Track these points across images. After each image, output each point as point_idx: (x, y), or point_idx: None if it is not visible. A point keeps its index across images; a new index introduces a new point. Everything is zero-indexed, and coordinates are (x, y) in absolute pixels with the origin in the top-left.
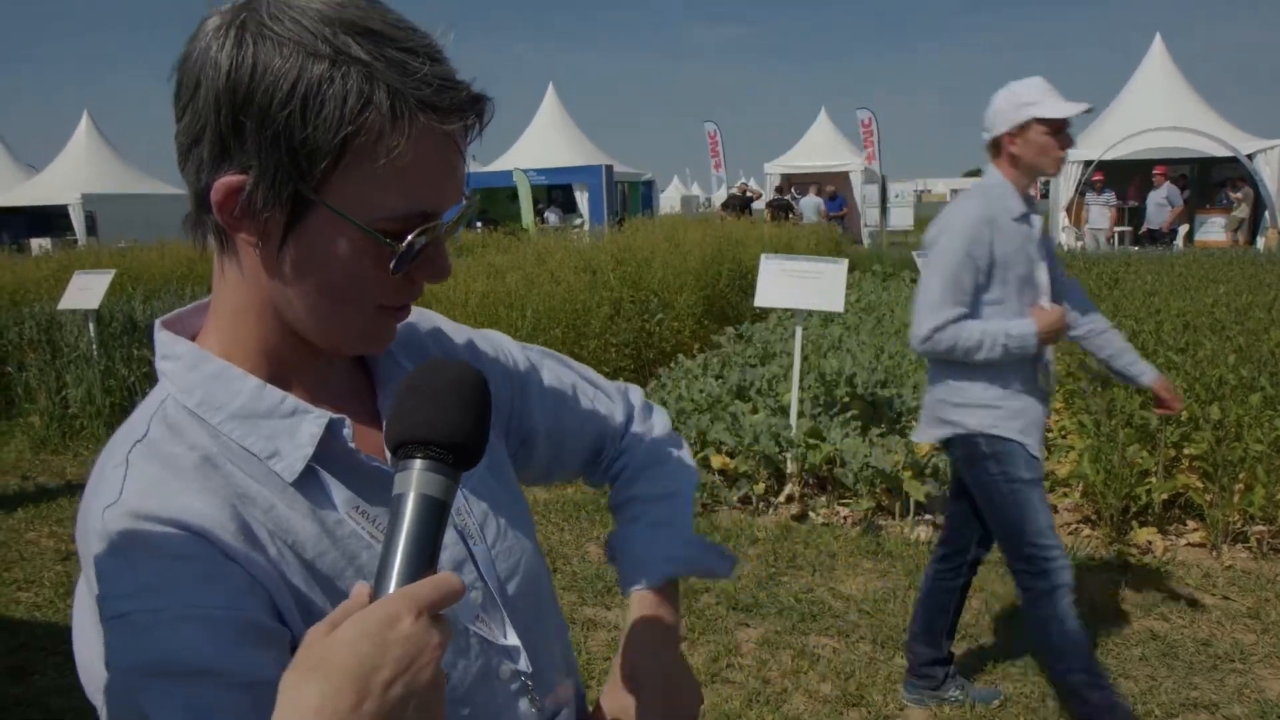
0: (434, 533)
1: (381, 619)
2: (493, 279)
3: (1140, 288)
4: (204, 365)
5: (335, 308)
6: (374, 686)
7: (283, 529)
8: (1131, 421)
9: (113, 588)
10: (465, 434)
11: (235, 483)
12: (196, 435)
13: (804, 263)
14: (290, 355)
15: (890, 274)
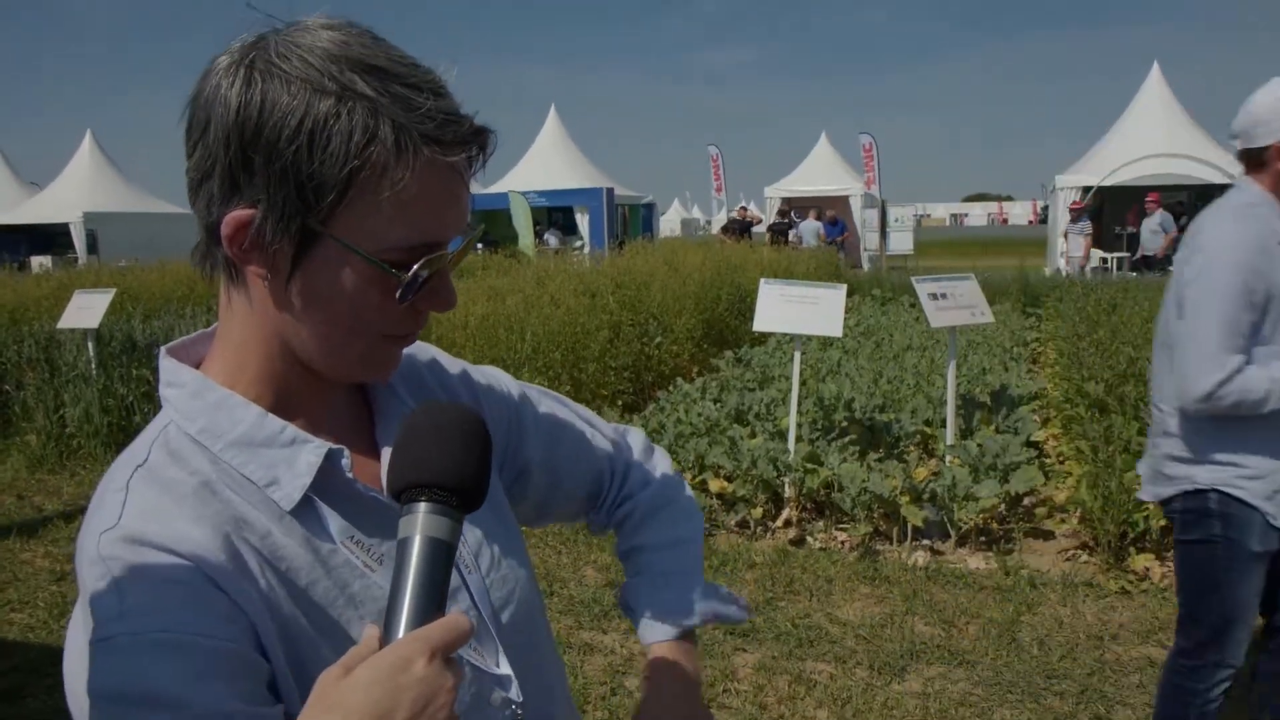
0: (442, 575)
1: (395, 663)
2: (493, 301)
3: (1139, 314)
4: (207, 393)
5: (342, 338)
6: None
7: (276, 556)
8: (1129, 447)
9: (102, 611)
10: (469, 477)
11: (233, 509)
12: (197, 461)
13: (803, 288)
14: (294, 385)
15: (889, 298)
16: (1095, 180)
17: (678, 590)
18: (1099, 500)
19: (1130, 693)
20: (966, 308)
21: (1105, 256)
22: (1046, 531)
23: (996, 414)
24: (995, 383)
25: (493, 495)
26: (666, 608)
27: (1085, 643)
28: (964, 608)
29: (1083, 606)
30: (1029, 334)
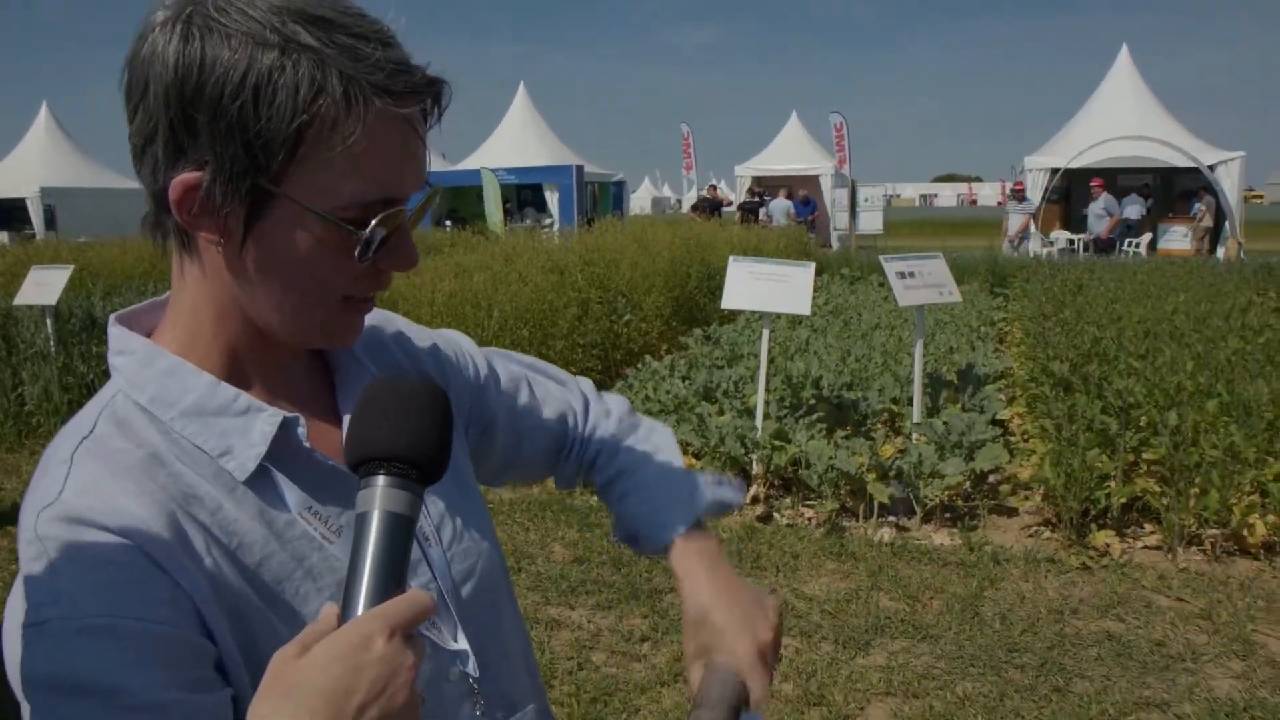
0: (402, 550)
1: (354, 641)
2: (460, 278)
3: (1103, 295)
4: (157, 361)
5: (301, 301)
6: (348, 710)
7: (227, 532)
8: (1092, 426)
9: (36, 594)
10: (429, 448)
11: (183, 482)
12: (146, 432)
13: (772, 265)
14: (249, 354)
15: (858, 277)
16: (1063, 162)
17: (673, 489)
18: (1062, 478)
19: (1089, 665)
20: (934, 286)
21: (1072, 238)
22: (1010, 508)
23: (963, 392)
24: (962, 361)
25: (456, 465)
26: (670, 506)
27: (1046, 617)
28: (928, 583)
29: (1044, 582)
30: (996, 314)
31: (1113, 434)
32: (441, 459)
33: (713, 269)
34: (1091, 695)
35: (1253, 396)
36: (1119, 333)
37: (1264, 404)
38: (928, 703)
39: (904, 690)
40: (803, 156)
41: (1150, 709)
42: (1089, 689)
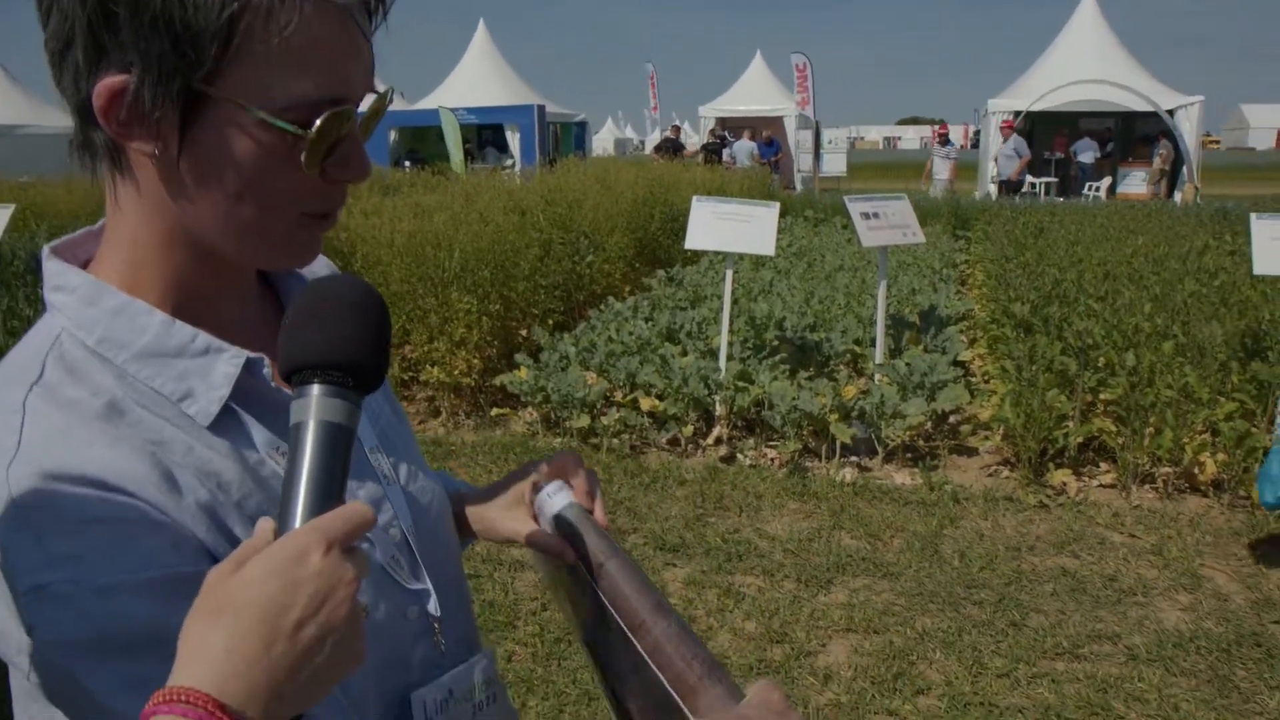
0: (340, 461)
1: (289, 556)
2: (420, 219)
3: (1064, 237)
4: (104, 299)
5: (250, 214)
6: (284, 628)
7: (206, 472)
8: (1051, 367)
9: (24, 559)
10: (364, 354)
11: (147, 429)
12: (100, 377)
13: (736, 206)
14: (199, 287)
15: (822, 219)
16: (1026, 105)
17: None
18: (1021, 418)
19: (1044, 600)
20: (898, 228)
21: (1034, 181)
22: (970, 448)
23: (925, 334)
24: (924, 303)
25: (398, 408)
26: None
27: (1004, 554)
28: (889, 522)
29: (1002, 520)
30: (958, 256)
31: (1072, 375)
32: (379, 366)
33: (676, 210)
34: (1046, 629)
35: (1207, 338)
36: (1079, 275)
37: (1218, 345)
38: (888, 638)
39: (865, 626)
40: (767, 98)
41: (1102, 641)
42: (1044, 623)
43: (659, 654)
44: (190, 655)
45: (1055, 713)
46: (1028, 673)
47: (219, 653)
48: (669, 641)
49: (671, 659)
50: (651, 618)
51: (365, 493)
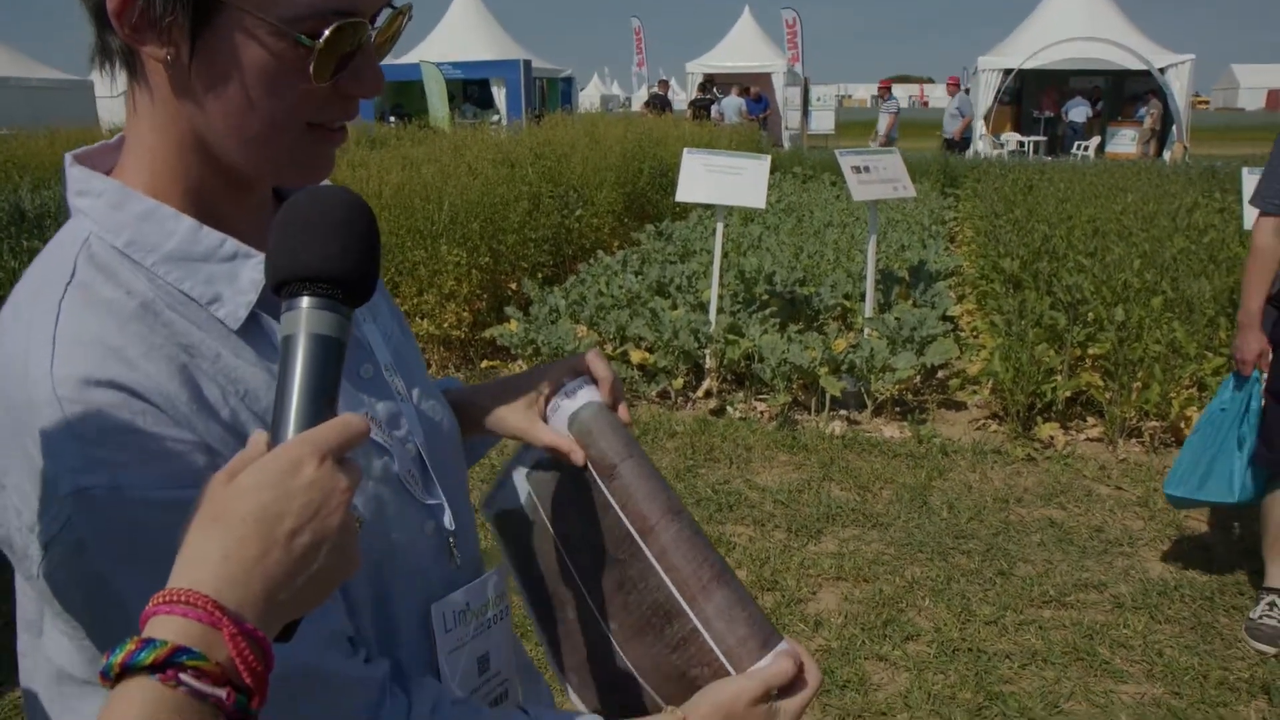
0: (331, 373)
1: (283, 466)
2: (407, 171)
3: (1053, 195)
4: (130, 204)
5: (261, 125)
6: (279, 536)
7: (232, 380)
8: (1040, 322)
9: (67, 462)
10: (352, 266)
11: (178, 331)
12: (131, 279)
13: (726, 158)
14: (218, 195)
15: (811, 176)
16: (1016, 63)
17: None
18: (1010, 372)
19: (1031, 550)
20: (889, 181)
21: (1023, 140)
22: (959, 402)
23: (914, 289)
24: (914, 259)
25: (407, 330)
26: None
27: (992, 505)
28: (878, 474)
29: (991, 472)
30: (947, 213)
31: (1060, 329)
32: (368, 278)
33: (665, 165)
34: (1033, 578)
35: (1195, 294)
36: (1069, 231)
37: (1205, 301)
38: (877, 586)
39: (854, 575)
40: (755, 54)
41: (1088, 589)
42: (1031, 572)
43: (667, 557)
44: (188, 560)
45: (1042, 658)
46: (1015, 620)
47: (216, 558)
48: (679, 544)
49: (680, 562)
50: (664, 520)
51: (383, 408)
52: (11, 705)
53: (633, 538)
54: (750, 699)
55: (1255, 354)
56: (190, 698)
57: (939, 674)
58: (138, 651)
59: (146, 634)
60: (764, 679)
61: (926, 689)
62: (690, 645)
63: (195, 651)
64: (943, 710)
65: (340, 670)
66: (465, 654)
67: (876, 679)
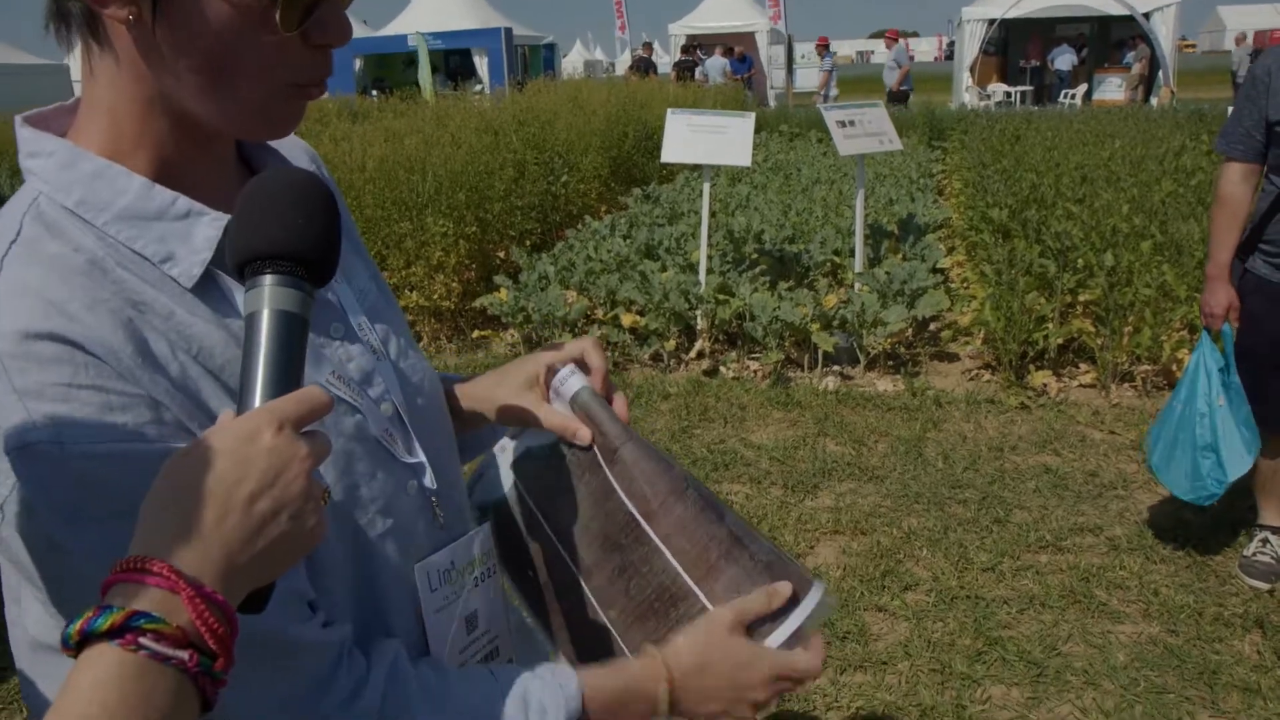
0: (296, 350)
1: (241, 434)
2: (391, 143)
3: (1040, 143)
4: (81, 163)
5: (230, 82)
6: (236, 502)
7: (185, 338)
8: (1030, 270)
9: (9, 418)
10: (313, 244)
11: (129, 289)
12: (79, 237)
13: (711, 117)
14: (178, 155)
15: (797, 134)
16: (1000, 13)
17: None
18: (1001, 321)
19: (1027, 497)
20: (875, 135)
21: (1009, 90)
22: (951, 354)
23: (904, 242)
24: (902, 212)
25: (386, 290)
26: None
27: (986, 455)
28: (873, 427)
29: (985, 422)
30: (935, 166)
31: (1050, 277)
32: (330, 257)
33: (650, 128)
34: (1029, 524)
35: (1184, 236)
36: (1057, 179)
37: (1195, 243)
38: (874, 539)
39: (852, 528)
40: (737, 13)
41: (1084, 533)
42: (1027, 518)
43: (673, 539)
44: (146, 529)
45: (1039, 602)
46: (1012, 566)
47: (172, 525)
48: (685, 525)
49: (687, 544)
50: (668, 501)
51: (354, 366)
52: (12, 691)
53: (636, 521)
54: (725, 625)
55: (1224, 308)
56: (152, 661)
57: (938, 622)
58: (95, 618)
59: (105, 602)
60: (737, 607)
61: (926, 637)
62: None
63: (153, 615)
64: (942, 657)
65: (295, 634)
66: (452, 613)
67: (876, 629)
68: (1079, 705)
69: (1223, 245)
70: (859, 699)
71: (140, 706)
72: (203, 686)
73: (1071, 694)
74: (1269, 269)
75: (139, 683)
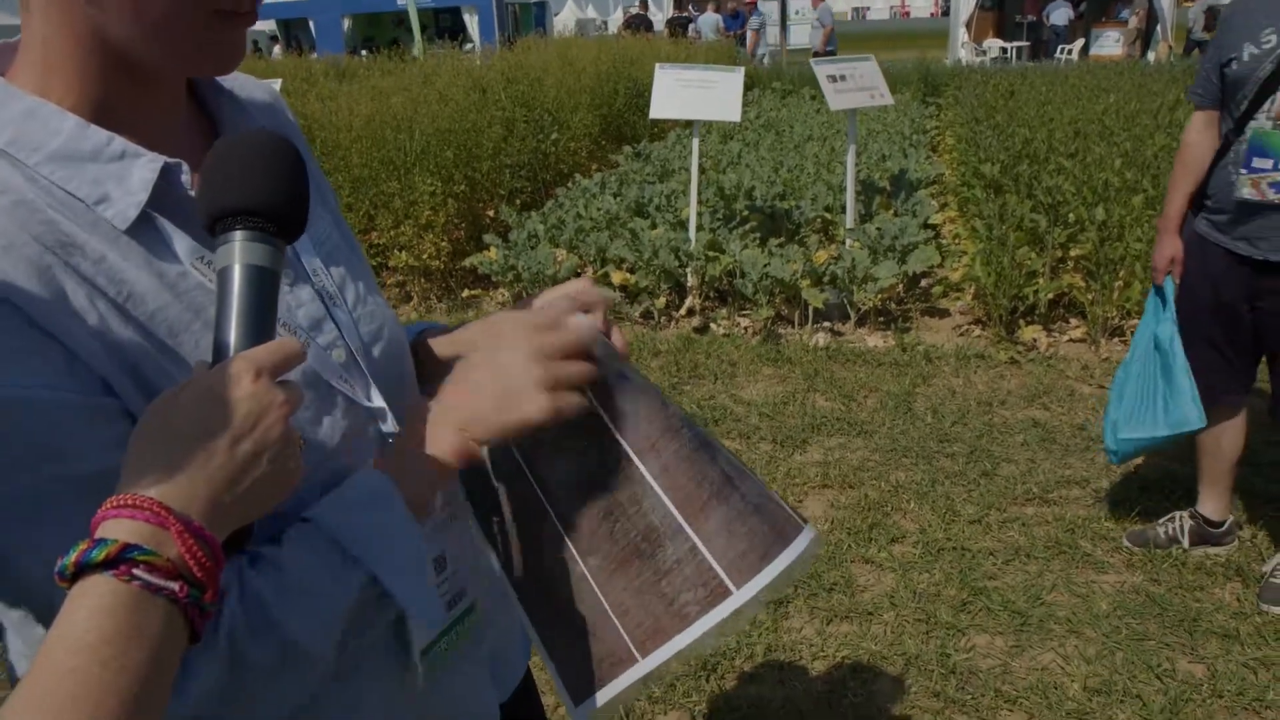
0: (267, 302)
1: (221, 381)
2: (377, 101)
3: (1034, 99)
4: (11, 102)
5: (158, 11)
6: (220, 444)
7: (114, 282)
8: (1022, 225)
9: None
10: (282, 199)
11: (59, 230)
12: (8, 177)
13: (700, 72)
14: (117, 93)
15: (790, 91)
16: None
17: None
18: (992, 276)
19: (1015, 450)
20: (866, 90)
21: (1005, 46)
22: (942, 310)
23: (895, 199)
24: (894, 168)
25: (350, 237)
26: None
27: (975, 409)
28: (863, 383)
29: (974, 377)
30: (929, 122)
31: (1041, 232)
32: (299, 213)
33: (641, 86)
34: (1017, 477)
35: None
36: (1050, 134)
37: None
38: (863, 492)
39: (840, 482)
40: None
41: (1071, 486)
42: (1015, 471)
43: (667, 475)
44: (133, 471)
45: (1025, 553)
46: (999, 518)
47: (160, 466)
48: (679, 463)
49: (681, 480)
50: (663, 439)
51: (305, 312)
52: None
53: (629, 459)
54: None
55: (1166, 260)
56: (145, 591)
57: (924, 573)
58: (90, 550)
59: (97, 536)
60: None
61: (912, 588)
62: (686, 566)
63: (145, 548)
64: (928, 607)
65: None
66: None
67: (863, 581)
68: (1061, 653)
69: (1174, 195)
70: (845, 648)
71: (135, 635)
72: (191, 617)
73: (1054, 642)
74: (1208, 226)
75: (134, 612)
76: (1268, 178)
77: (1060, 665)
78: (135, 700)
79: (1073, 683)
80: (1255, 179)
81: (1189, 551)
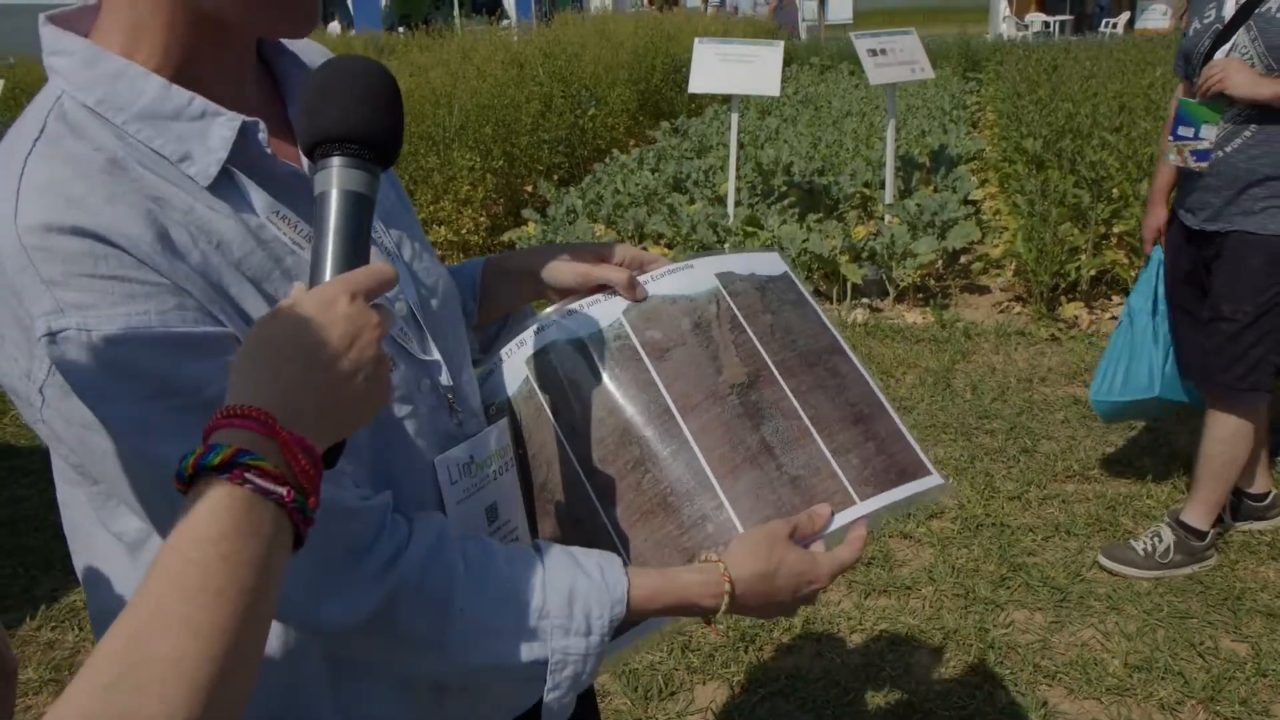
0: (362, 227)
1: (319, 302)
2: (416, 77)
3: (1078, 73)
4: (102, 63)
5: None
6: (320, 360)
7: (205, 230)
8: (1064, 200)
9: (39, 306)
10: (381, 128)
11: (147, 185)
12: (100, 135)
13: (739, 46)
14: (196, 56)
15: (828, 66)
16: None
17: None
18: (1033, 252)
19: (1055, 428)
20: (906, 64)
21: (1048, 20)
22: (982, 286)
23: (935, 174)
24: (934, 144)
25: (405, 199)
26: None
27: (1015, 386)
28: (902, 359)
29: (1014, 354)
30: (969, 98)
31: (1084, 208)
32: (394, 139)
33: (678, 61)
34: (1057, 454)
35: None
36: (1094, 109)
37: None
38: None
39: None
40: None
41: (1112, 464)
42: (1055, 449)
43: (703, 436)
44: (240, 386)
45: (1065, 530)
46: (1038, 495)
47: (266, 380)
48: (720, 423)
49: (718, 441)
50: (706, 402)
51: None
52: (20, 640)
53: (671, 414)
54: (784, 536)
55: (1153, 230)
56: (256, 494)
57: (963, 549)
58: (206, 454)
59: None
60: (790, 521)
61: (950, 563)
62: (709, 523)
63: (255, 454)
64: (966, 582)
65: (334, 496)
66: (473, 504)
67: (901, 555)
68: (1101, 629)
69: (1161, 165)
70: (883, 622)
71: (249, 535)
72: (296, 522)
73: (1094, 618)
74: (1181, 209)
75: (248, 514)
76: (1189, 145)
77: (1100, 641)
78: (254, 593)
79: (1113, 659)
80: (1179, 146)
81: (1234, 528)
